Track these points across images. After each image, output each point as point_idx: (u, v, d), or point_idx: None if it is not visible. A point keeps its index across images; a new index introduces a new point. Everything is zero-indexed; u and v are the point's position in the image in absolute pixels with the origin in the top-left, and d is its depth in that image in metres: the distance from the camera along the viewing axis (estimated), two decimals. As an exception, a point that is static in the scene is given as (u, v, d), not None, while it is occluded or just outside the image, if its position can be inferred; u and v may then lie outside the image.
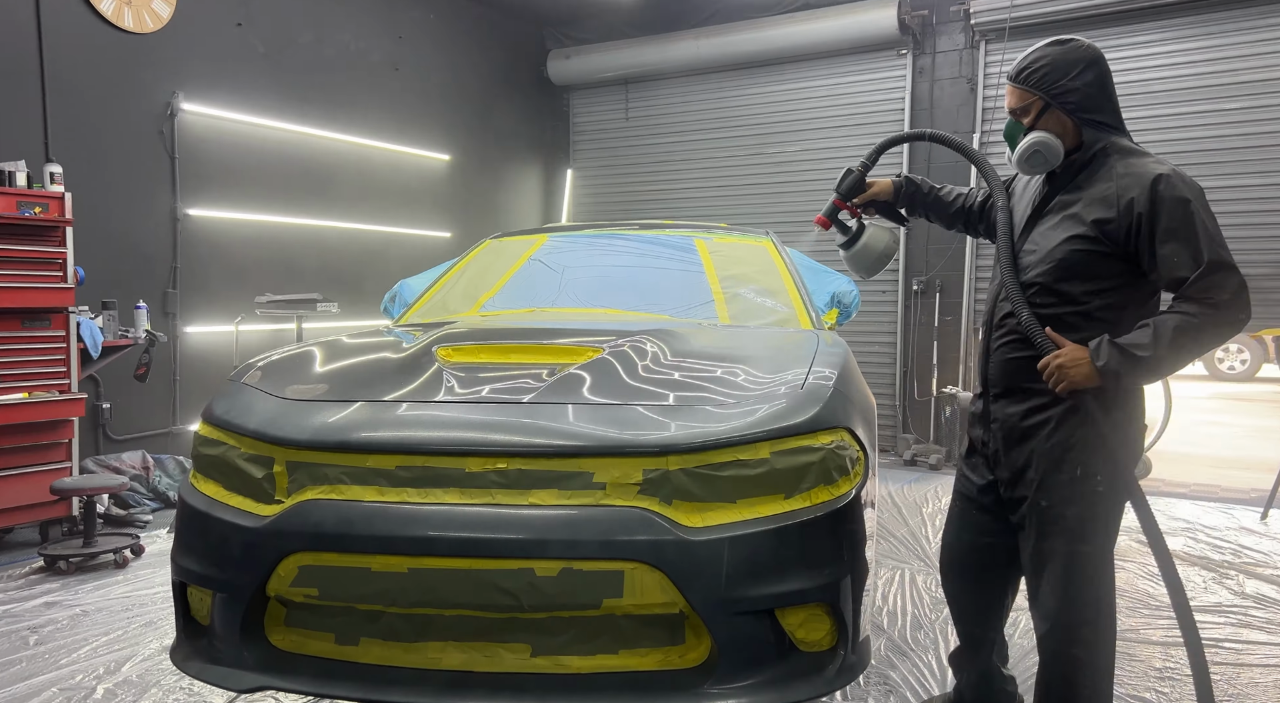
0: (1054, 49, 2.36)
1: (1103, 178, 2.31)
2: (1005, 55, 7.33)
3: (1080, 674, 2.40)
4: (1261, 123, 6.63)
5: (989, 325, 2.55)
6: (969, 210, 2.80)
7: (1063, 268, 2.33)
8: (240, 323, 6.68)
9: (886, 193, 2.75)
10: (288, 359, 2.86)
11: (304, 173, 7.42)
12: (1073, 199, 2.35)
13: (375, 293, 7.95)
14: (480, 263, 4.15)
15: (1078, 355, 2.24)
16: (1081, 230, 2.30)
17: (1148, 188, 2.20)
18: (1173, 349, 2.16)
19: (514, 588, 2.17)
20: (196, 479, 2.58)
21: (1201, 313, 2.15)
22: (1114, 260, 2.29)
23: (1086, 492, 2.35)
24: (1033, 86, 2.36)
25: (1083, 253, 2.30)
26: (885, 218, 2.84)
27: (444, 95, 8.69)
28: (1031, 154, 2.35)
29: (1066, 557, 2.38)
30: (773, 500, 2.28)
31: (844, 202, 2.72)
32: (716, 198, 8.80)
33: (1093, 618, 2.39)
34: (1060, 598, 2.40)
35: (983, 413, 2.59)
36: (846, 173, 2.71)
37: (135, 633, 3.74)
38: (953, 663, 2.90)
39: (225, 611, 2.39)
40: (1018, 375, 2.44)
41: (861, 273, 2.87)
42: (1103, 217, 2.26)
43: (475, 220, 9.03)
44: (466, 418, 2.34)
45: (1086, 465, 2.34)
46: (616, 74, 9.13)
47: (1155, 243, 2.20)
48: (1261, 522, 5.65)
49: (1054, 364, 2.27)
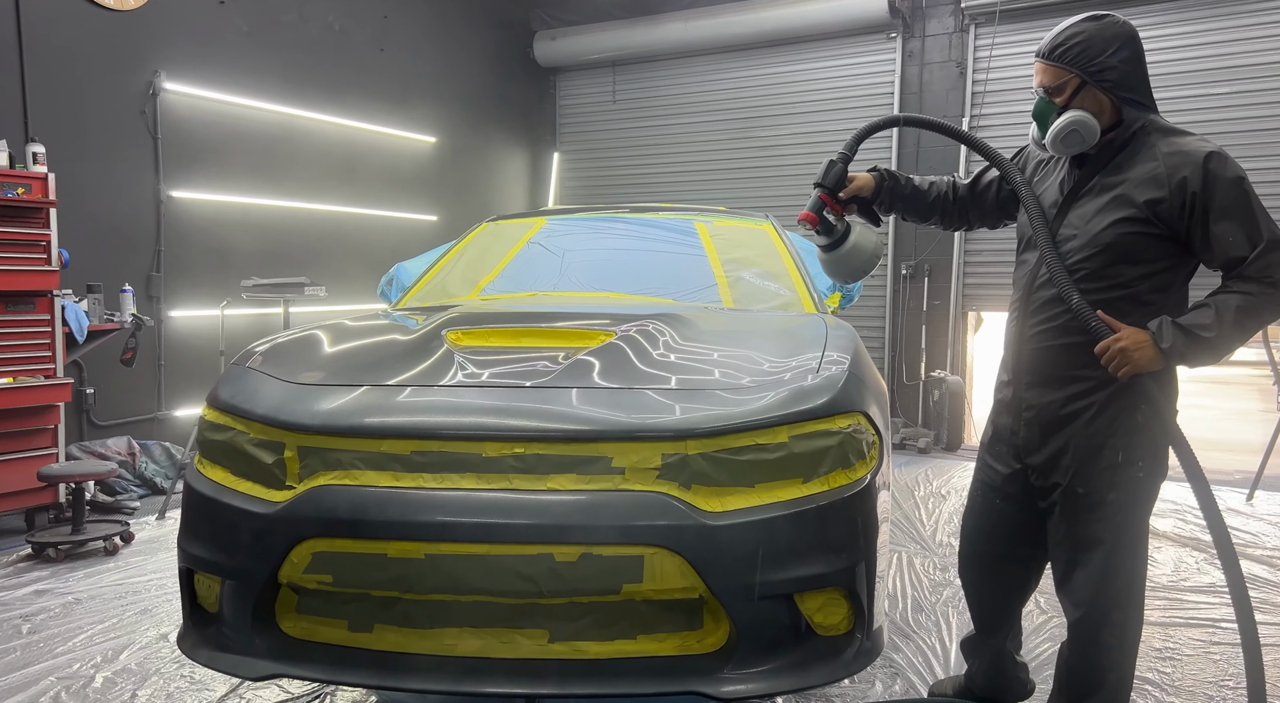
0: (1090, 25, 2.27)
1: (1146, 157, 2.24)
2: (995, 39, 7.33)
3: (1107, 659, 2.38)
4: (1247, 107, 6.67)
5: (1022, 312, 2.46)
6: (954, 199, 2.69)
7: (1112, 251, 2.25)
8: (226, 307, 6.58)
9: (869, 187, 2.59)
10: (293, 343, 2.82)
11: (289, 155, 7.31)
12: (1116, 180, 2.27)
13: (361, 276, 7.89)
14: (478, 246, 4.11)
15: (1140, 338, 2.17)
16: (1132, 212, 2.22)
17: (1200, 166, 2.14)
18: (1235, 329, 2.12)
19: (533, 574, 2.15)
20: (203, 465, 2.54)
21: (1262, 292, 2.11)
22: (1164, 242, 2.22)
23: (1127, 478, 2.31)
24: (1068, 63, 2.26)
25: (1134, 235, 2.23)
26: (863, 217, 2.67)
27: (430, 76, 8.59)
28: (1069, 133, 2.26)
29: (1105, 543, 2.34)
30: (791, 485, 2.27)
31: (830, 196, 2.52)
32: (705, 181, 8.77)
33: (1125, 603, 2.36)
34: (1096, 584, 2.36)
35: (1012, 401, 2.51)
36: (829, 164, 2.51)
37: (131, 621, 3.68)
38: (965, 649, 2.89)
39: (235, 597, 2.35)
40: (1057, 363, 2.37)
41: (845, 278, 2.68)
42: (1154, 197, 2.18)
43: (461, 203, 8.95)
44: (483, 403, 2.31)
45: (1128, 452, 2.30)
46: (603, 56, 9.06)
47: (1210, 222, 2.14)
48: (1248, 502, 5.73)
49: (1115, 347, 2.19)
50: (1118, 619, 2.36)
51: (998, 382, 2.64)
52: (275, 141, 7.20)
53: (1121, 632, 2.37)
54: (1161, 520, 5.03)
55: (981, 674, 2.83)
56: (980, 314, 8.09)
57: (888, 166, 2.68)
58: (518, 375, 2.43)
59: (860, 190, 2.59)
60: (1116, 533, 2.34)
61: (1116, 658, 2.38)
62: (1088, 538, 2.37)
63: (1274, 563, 4.46)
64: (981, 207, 2.69)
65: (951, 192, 2.70)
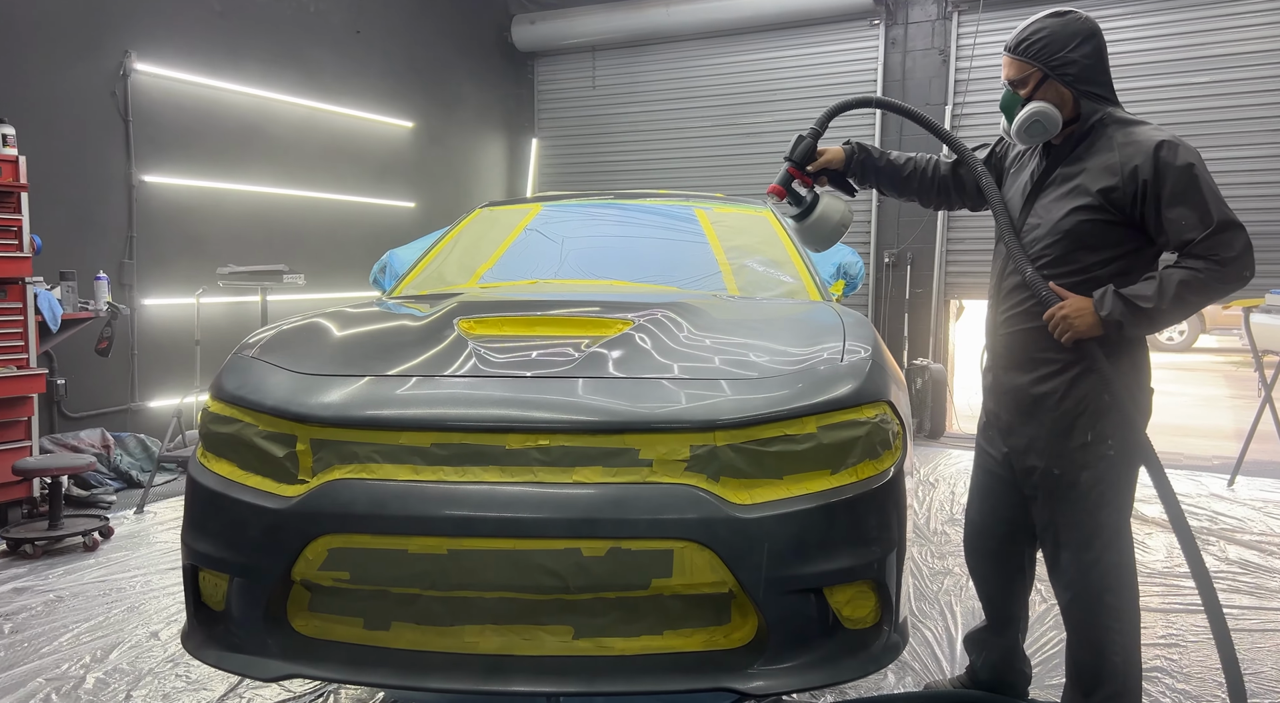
0: (1053, 21, 2.36)
1: (1103, 148, 2.33)
2: (979, 27, 7.34)
3: (1109, 641, 2.39)
4: (1227, 97, 6.75)
5: (995, 298, 2.58)
6: (935, 178, 2.74)
7: (1072, 238, 2.34)
8: (201, 295, 6.42)
9: (839, 160, 2.67)
10: (297, 332, 2.72)
11: (264, 139, 7.14)
12: (1075, 170, 2.36)
13: (340, 264, 7.75)
14: (473, 233, 4.02)
15: (1081, 305, 2.27)
16: (1088, 200, 2.31)
17: (1150, 155, 2.22)
18: (1176, 302, 2.20)
19: (560, 569, 2.10)
20: (206, 458, 2.44)
21: (1207, 269, 2.18)
22: (1121, 228, 2.31)
23: (1098, 457, 2.36)
24: (1032, 57, 2.36)
25: (1090, 222, 2.31)
26: (836, 188, 2.75)
27: (406, 60, 8.43)
28: (1031, 124, 2.36)
29: (1082, 524, 2.39)
30: (819, 476, 2.23)
31: (797, 169, 2.62)
32: (686, 168, 8.71)
33: (1115, 585, 2.38)
34: (1079, 566, 2.40)
35: (993, 385, 2.60)
36: (798, 139, 2.61)
37: (118, 619, 3.57)
38: (970, 644, 2.88)
39: (246, 596, 2.27)
40: (1026, 346, 2.46)
41: (816, 245, 2.76)
42: (1108, 185, 2.28)
43: (440, 190, 8.82)
44: (505, 394, 2.24)
45: (1097, 431, 2.36)
46: (583, 41, 8.95)
47: (1162, 207, 2.22)
48: (1229, 488, 5.80)
49: (1059, 315, 2.29)
50: (1111, 602, 2.38)
51: (983, 368, 2.71)
52: (250, 125, 7.02)
53: (1118, 613, 2.39)
54: (1149, 507, 5.08)
55: (988, 669, 2.82)
56: (961, 302, 8.13)
57: (860, 140, 2.74)
58: (538, 365, 2.36)
59: (829, 164, 2.65)
60: (1093, 513, 2.37)
61: (1119, 639, 2.39)
62: (1066, 520, 2.41)
63: (1263, 548, 4.52)
64: (962, 188, 2.75)
65: (933, 170, 2.76)
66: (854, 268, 3.88)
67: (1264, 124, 6.67)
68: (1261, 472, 6.14)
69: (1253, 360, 6.10)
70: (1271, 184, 6.68)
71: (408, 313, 2.93)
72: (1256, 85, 6.71)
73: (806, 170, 2.63)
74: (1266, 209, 6.69)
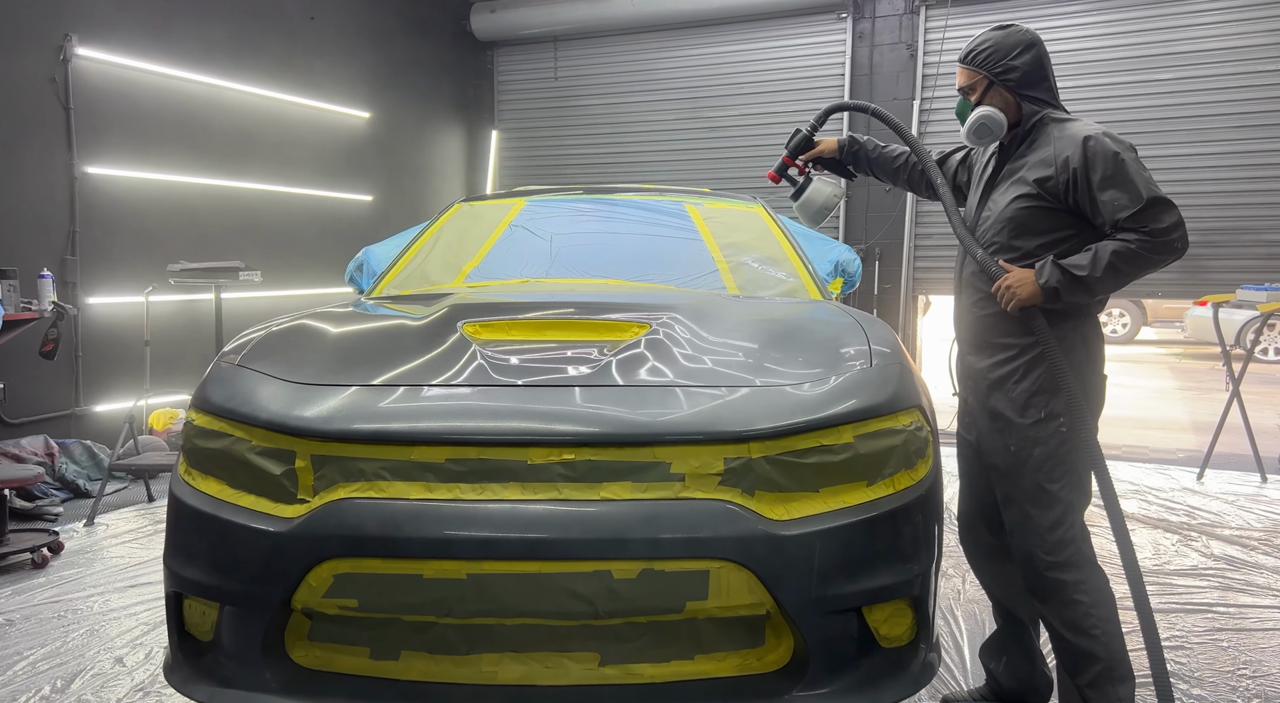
0: (997, 33, 2.61)
1: (1042, 144, 2.53)
2: (948, 22, 7.32)
3: (1082, 615, 2.43)
4: (1189, 93, 6.82)
5: (958, 288, 2.76)
6: (921, 172, 2.97)
7: (1013, 225, 2.53)
8: (151, 293, 6.11)
9: (831, 151, 3.03)
10: (284, 337, 2.52)
11: (215, 129, 6.83)
12: (1018, 165, 2.58)
13: (295, 260, 7.46)
14: (454, 229, 3.83)
15: (1023, 276, 2.44)
16: (1025, 190, 2.51)
17: (1080, 146, 2.42)
18: (1110, 271, 2.35)
19: (590, 593, 1.95)
20: (191, 476, 2.25)
21: (1138, 240, 2.34)
22: (1059, 214, 2.49)
23: (1050, 433, 2.48)
24: (978, 66, 2.60)
25: (1028, 209, 2.51)
26: (832, 173, 3.10)
27: (362, 48, 8.15)
28: (979, 126, 2.57)
29: (1038, 499, 2.49)
30: (856, 488, 2.13)
31: (791, 159, 3.00)
32: (652, 162, 8.57)
33: (1076, 559, 2.46)
34: (1027, 528, 2.50)
35: (962, 371, 2.77)
36: (795, 132, 3.00)
37: (77, 644, 3.33)
38: (987, 653, 2.83)
39: (239, 625, 2.09)
40: (986, 332, 2.62)
41: (808, 221, 3.10)
42: (1043, 175, 2.48)
43: (397, 182, 8.56)
44: (524, 405, 2.09)
45: (1050, 408, 2.49)
46: (545, 31, 8.75)
47: (1094, 191, 2.39)
48: (1199, 482, 5.87)
49: (1003, 285, 2.46)
50: (1076, 576, 2.46)
51: (954, 357, 2.90)
52: (200, 115, 6.71)
53: (1089, 589, 2.45)
54: (1125, 502, 5.09)
55: (1010, 675, 2.77)
56: (928, 298, 8.14)
57: (853, 135, 3.07)
58: (557, 373, 2.21)
59: (822, 153, 3.03)
60: (1045, 487, 2.48)
61: (1095, 612, 2.45)
62: (1023, 495, 2.52)
63: (1244, 543, 4.55)
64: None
65: (924, 168, 2.93)
66: (851, 265, 3.79)
67: (1224, 121, 6.76)
68: (1225, 464, 6.22)
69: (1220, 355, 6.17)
70: (1230, 180, 6.78)
71: (402, 315, 2.75)
72: (1216, 82, 6.79)
73: (799, 159, 3.01)
74: (1227, 205, 6.79)
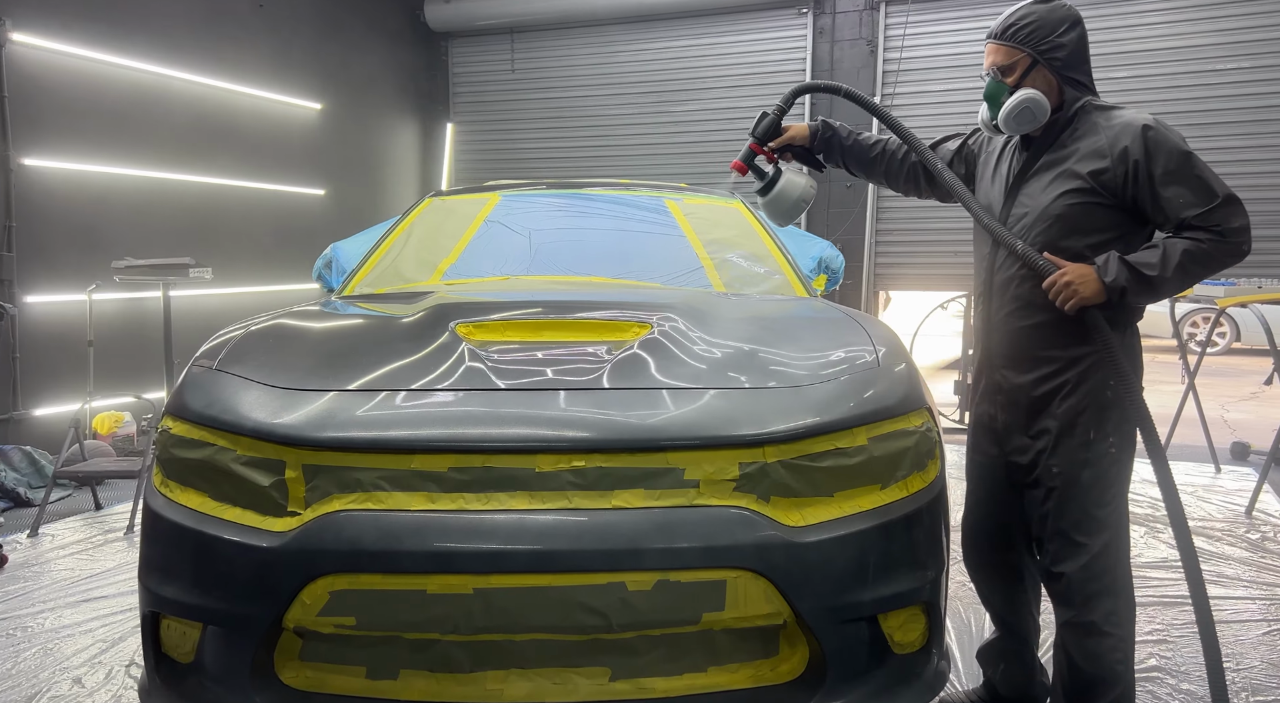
0: (1040, 7, 2.35)
1: (1088, 132, 2.31)
2: (909, 18, 7.35)
3: (1107, 649, 2.31)
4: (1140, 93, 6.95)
5: (987, 297, 2.50)
6: (903, 163, 2.70)
7: (1062, 223, 2.30)
8: (94, 291, 5.85)
9: (802, 137, 2.69)
10: (263, 339, 2.38)
11: (161, 120, 6.56)
12: (1062, 157, 2.34)
13: (245, 256, 7.21)
14: (426, 224, 3.71)
15: (1084, 271, 2.21)
16: (1077, 184, 2.28)
17: (1139, 135, 2.21)
18: (1179, 272, 2.18)
19: (603, 606, 1.87)
20: (168, 488, 2.11)
21: (1210, 240, 2.17)
22: (1111, 211, 2.28)
23: (1099, 455, 2.31)
24: (1020, 43, 2.32)
25: (1080, 205, 2.28)
26: (802, 164, 2.76)
27: (313, 38, 7.91)
28: (1021, 111, 2.30)
29: (1081, 524, 2.32)
30: (870, 492, 2.07)
31: (760, 146, 2.64)
32: (613, 156, 8.47)
33: (1113, 586, 2.32)
34: (1078, 565, 2.32)
35: (989, 386, 2.52)
36: (762, 116, 2.64)
37: (30, 666, 3.13)
38: (984, 657, 2.78)
39: (227, 647, 1.97)
40: (1026, 345, 2.39)
41: (778, 220, 2.77)
42: (1097, 167, 2.25)
43: (350, 176, 8.34)
44: (531, 410, 1.99)
45: (1100, 428, 2.31)
46: (501, 22, 8.59)
47: (1156, 186, 2.20)
48: (1157, 475, 5.96)
49: (1061, 281, 2.22)
50: (1110, 606, 2.32)
51: (975, 369, 2.63)
52: (145, 105, 6.44)
53: (1120, 620, 2.32)
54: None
55: (1006, 683, 2.72)
56: (889, 294, 8.18)
57: (827, 119, 2.73)
58: (562, 376, 2.11)
59: (793, 140, 2.68)
60: (1092, 512, 2.31)
61: (1120, 646, 2.32)
62: (1067, 521, 2.34)
63: (1208, 534, 4.62)
64: (933, 180, 2.67)
65: (903, 156, 2.71)
66: (835, 262, 3.75)
67: (1175, 119, 6.88)
68: (1180, 455, 6.34)
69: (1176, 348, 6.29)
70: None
71: (388, 315, 2.63)
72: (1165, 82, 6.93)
73: (768, 146, 2.65)
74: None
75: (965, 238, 7.36)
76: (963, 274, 7.56)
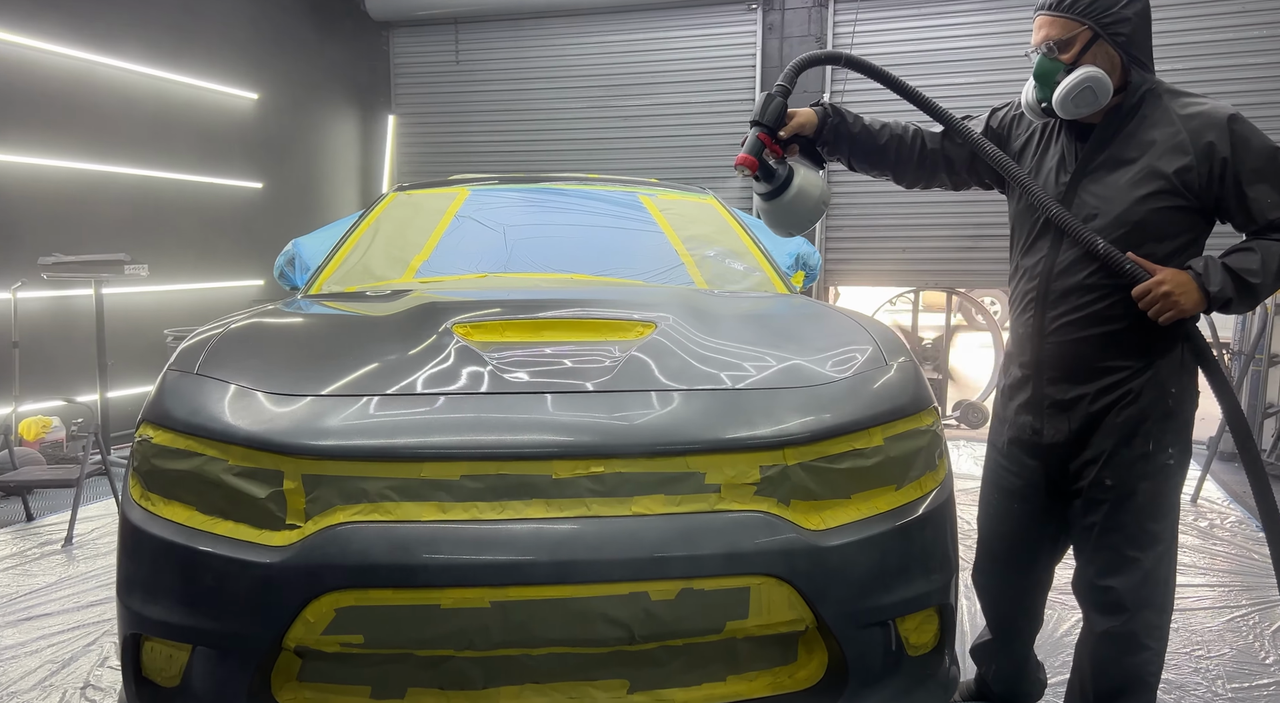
0: None
1: (1161, 122, 2.07)
2: (858, 15, 7.39)
3: (1143, 662, 2.24)
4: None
5: (1041, 305, 2.24)
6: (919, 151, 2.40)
7: (1143, 230, 2.06)
8: (19, 289, 5.53)
9: (811, 125, 2.30)
10: (245, 341, 2.24)
11: (88, 109, 6.23)
12: (1132, 150, 2.10)
13: (179, 252, 6.91)
14: (393, 220, 3.57)
15: (1184, 279, 2.00)
16: (1162, 185, 2.04)
17: (1224, 129, 2.00)
18: (1276, 278, 2.01)
19: (626, 617, 1.80)
20: (150, 501, 1.96)
21: None
22: (1190, 214, 2.07)
23: (1157, 467, 2.17)
24: (1080, 14, 2.05)
25: (1164, 210, 2.05)
26: (805, 158, 2.37)
27: (249, 24, 7.61)
28: (1081, 92, 2.05)
29: (1136, 538, 2.19)
30: (885, 493, 2.04)
31: (770, 137, 2.21)
32: (561, 151, 8.36)
33: (1160, 601, 2.22)
34: (1134, 586, 2.20)
35: (1033, 397, 2.31)
36: (768, 98, 2.21)
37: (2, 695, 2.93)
38: (979, 655, 2.74)
39: (220, 670, 1.84)
40: (1087, 356, 2.19)
41: (790, 227, 2.36)
42: (1183, 165, 2.02)
43: (288, 168, 8.06)
44: (545, 414, 1.91)
45: (1159, 439, 2.16)
46: (445, 12, 8.39)
47: (1243, 185, 2.00)
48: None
49: (1159, 291, 2.00)
50: (1154, 620, 2.21)
51: (1010, 379, 2.42)
52: (71, 93, 6.10)
53: (1160, 634, 2.23)
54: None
55: (1001, 680, 2.69)
56: (838, 289, 8.24)
57: (832, 102, 2.39)
58: (573, 378, 2.03)
59: (801, 128, 2.30)
60: (1146, 526, 2.19)
61: (1156, 659, 2.25)
62: (1119, 535, 2.21)
63: (1161, 524, 4.74)
64: (951, 166, 2.43)
65: (916, 142, 2.41)
66: (812, 258, 3.73)
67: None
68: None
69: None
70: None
71: (373, 315, 2.51)
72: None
73: (778, 137, 2.25)
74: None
75: (914, 234, 7.45)
76: (910, 271, 7.63)
